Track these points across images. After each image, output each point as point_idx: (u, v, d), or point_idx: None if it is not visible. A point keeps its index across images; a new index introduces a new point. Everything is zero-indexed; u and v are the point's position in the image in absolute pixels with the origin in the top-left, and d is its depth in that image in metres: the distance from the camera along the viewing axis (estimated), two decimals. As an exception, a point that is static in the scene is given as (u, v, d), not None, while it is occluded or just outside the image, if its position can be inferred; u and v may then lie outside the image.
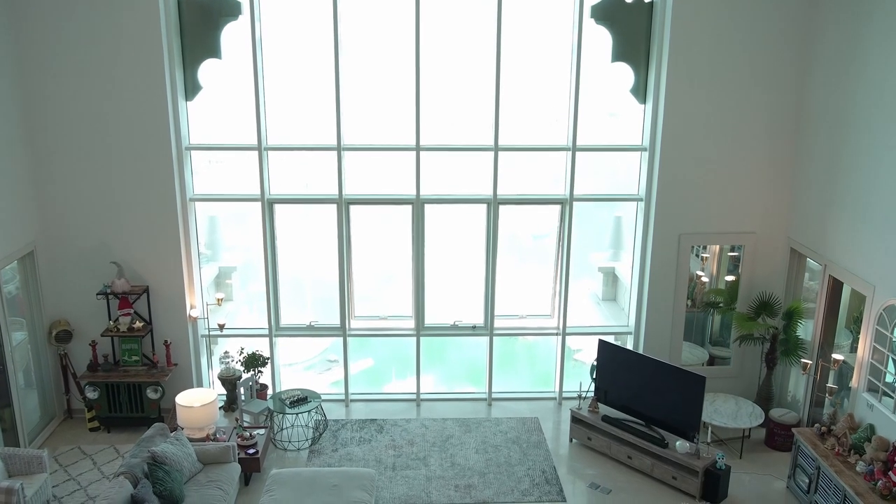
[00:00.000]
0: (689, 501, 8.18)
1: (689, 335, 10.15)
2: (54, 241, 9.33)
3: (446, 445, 9.27)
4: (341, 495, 7.49)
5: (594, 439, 9.10)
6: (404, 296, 10.18)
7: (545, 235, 10.37)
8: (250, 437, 8.60)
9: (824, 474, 7.74)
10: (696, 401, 8.31)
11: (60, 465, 8.76)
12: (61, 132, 9.02)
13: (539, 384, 10.75)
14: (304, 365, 11.15)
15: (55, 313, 9.50)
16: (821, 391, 8.85)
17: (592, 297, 11.34)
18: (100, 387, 9.26)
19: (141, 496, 7.05)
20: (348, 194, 9.66)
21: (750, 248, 9.67)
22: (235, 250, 10.91)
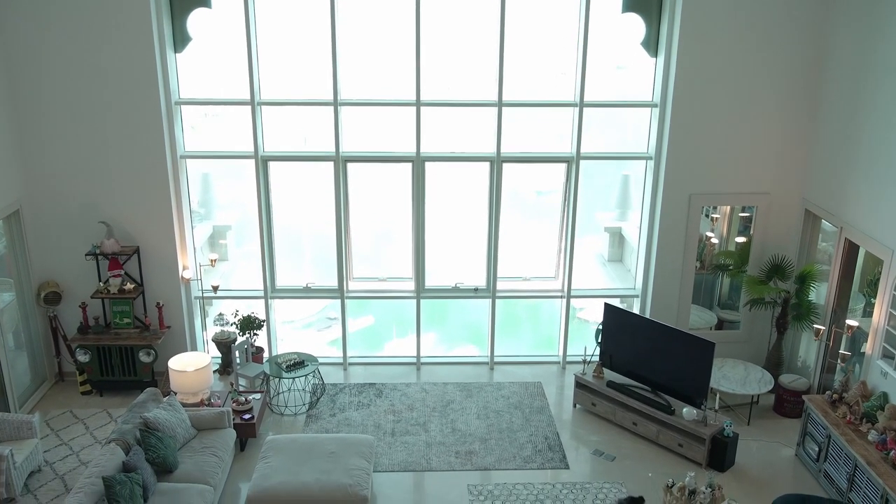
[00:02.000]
0: (695, 469, 7.98)
1: (698, 298, 9.88)
2: (40, 200, 9.01)
3: (447, 411, 9.06)
4: (339, 462, 7.31)
5: (598, 405, 8.89)
6: (404, 257, 9.88)
7: (549, 192, 10.04)
8: (246, 402, 8.39)
9: (835, 443, 7.54)
10: (704, 367, 8.07)
11: (52, 429, 8.57)
12: (45, 87, 8.64)
13: (542, 348, 10.51)
14: (302, 323, 10.93)
15: (43, 274, 9.22)
16: (833, 357, 8.60)
17: (598, 257, 11.05)
18: (91, 350, 9.03)
19: (133, 463, 6.86)
20: (346, 152, 9.29)
21: (763, 209, 9.33)
22: (230, 208, 10.59)
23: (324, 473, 7.15)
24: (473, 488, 7.74)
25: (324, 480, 7.06)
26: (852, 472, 7.22)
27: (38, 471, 7.81)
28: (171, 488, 6.97)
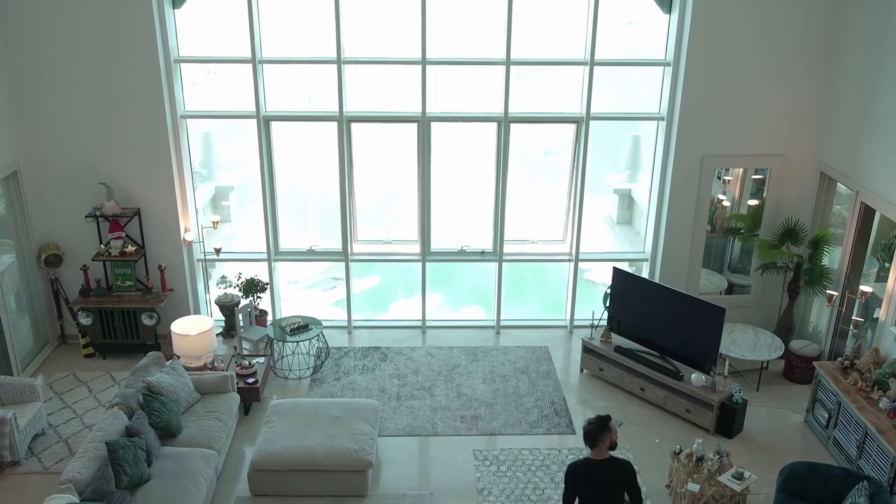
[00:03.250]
0: (702, 436, 7.91)
1: (708, 262, 9.71)
2: (38, 161, 8.84)
3: (452, 375, 8.99)
4: (343, 427, 7.25)
5: (606, 370, 8.79)
6: (409, 219, 9.71)
7: (557, 151, 9.83)
8: (249, 365, 8.31)
9: (845, 410, 7.44)
10: (713, 333, 7.93)
11: (55, 392, 8.53)
12: (41, 46, 8.40)
13: (549, 312, 10.39)
14: (307, 283, 10.83)
15: (43, 236, 9.09)
16: (845, 323, 8.46)
17: (607, 220, 10.87)
18: (93, 313, 8.94)
19: (136, 428, 6.82)
20: (349, 111, 9.06)
21: (777, 171, 9.10)
22: (232, 169, 10.42)
23: (328, 438, 7.09)
24: (479, 453, 7.69)
25: (328, 445, 7.01)
26: (862, 439, 7.13)
27: (42, 434, 7.79)
28: (175, 452, 6.94)
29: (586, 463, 5.42)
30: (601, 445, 5.34)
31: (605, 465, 5.38)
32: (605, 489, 5.39)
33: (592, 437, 5.33)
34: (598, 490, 5.39)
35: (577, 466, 5.43)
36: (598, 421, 5.36)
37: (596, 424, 5.34)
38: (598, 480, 5.38)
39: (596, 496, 5.40)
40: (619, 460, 5.42)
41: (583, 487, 5.39)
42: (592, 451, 5.40)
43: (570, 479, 5.41)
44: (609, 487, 5.39)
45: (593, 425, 5.35)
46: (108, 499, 6.15)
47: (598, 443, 5.33)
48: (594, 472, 5.38)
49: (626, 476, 5.38)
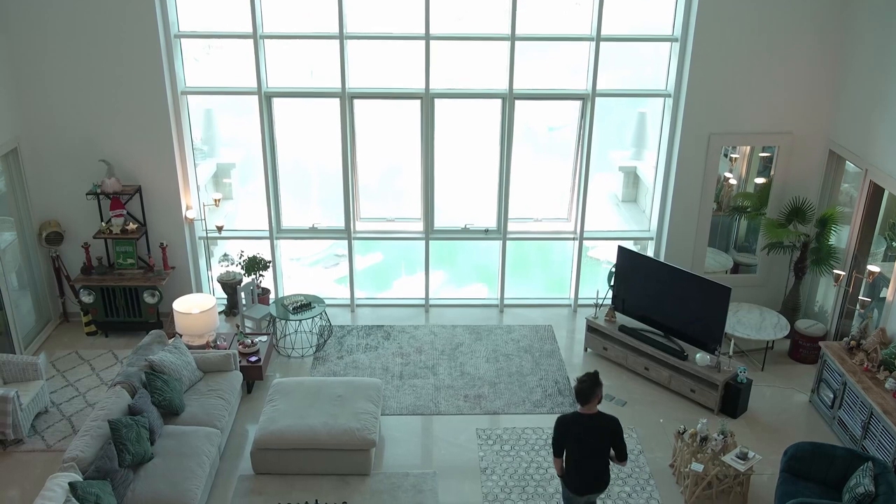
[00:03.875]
0: (706, 415, 7.88)
1: (714, 240, 9.62)
2: (38, 138, 8.75)
3: (456, 354, 8.95)
4: (346, 406, 7.24)
5: (610, 349, 8.75)
6: (412, 197, 9.63)
7: (562, 127, 9.72)
8: (252, 344, 8.28)
9: (850, 390, 7.40)
10: (719, 312, 7.87)
11: (58, 370, 8.51)
12: (41, 21, 8.28)
13: (553, 290, 10.33)
14: (309, 260, 10.77)
15: (44, 214, 9.03)
16: (851, 303, 8.40)
17: (611, 197, 10.78)
18: (95, 291, 8.90)
19: (139, 406, 6.80)
20: (352, 88, 8.95)
21: (785, 149, 8.98)
22: (234, 146, 10.31)
23: (331, 417, 7.07)
24: (482, 432, 7.68)
25: (331, 424, 6.99)
26: (867, 420, 7.10)
27: (45, 412, 7.78)
28: (178, 431, 6.93)
29: (575, 416, 5.57)
30: (592, 402, 5.49)
31: (592, 419, 5.54)
32: (592, 442, 5.57)
33: (585, 395, 5.48)
34: (584, 443, 5.57)
35: (566, 419, 5.59)
36: (590, 379, 5.50)
37: (588, 382, 5.48)
38: (585, 434, 5.55)
39: (582, 449, 5.58)
40: (607, 416, 5.58)
41: (570, 439, 5.56)
42: (582, 407, 5.54)
43: (559, 430, 5.60)
44: (596, 441, 5.56)
45: (585, 383, 5.49)
46: (111, 477, 6.15)
47: (590, 399, 5.48)
48: (582, 426, 5.54)
49: (614, 432, 5.56)
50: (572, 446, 5.60)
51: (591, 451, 5.59)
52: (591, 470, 5.65)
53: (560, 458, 5.69)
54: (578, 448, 5.59)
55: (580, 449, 5.59)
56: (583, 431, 5.55)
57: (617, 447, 5.60)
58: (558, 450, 5.66)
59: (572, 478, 5.69)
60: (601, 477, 5.68)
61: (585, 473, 5.66)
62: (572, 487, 5.72)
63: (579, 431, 5.55)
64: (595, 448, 5.58)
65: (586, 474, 5.66)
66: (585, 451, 5.60)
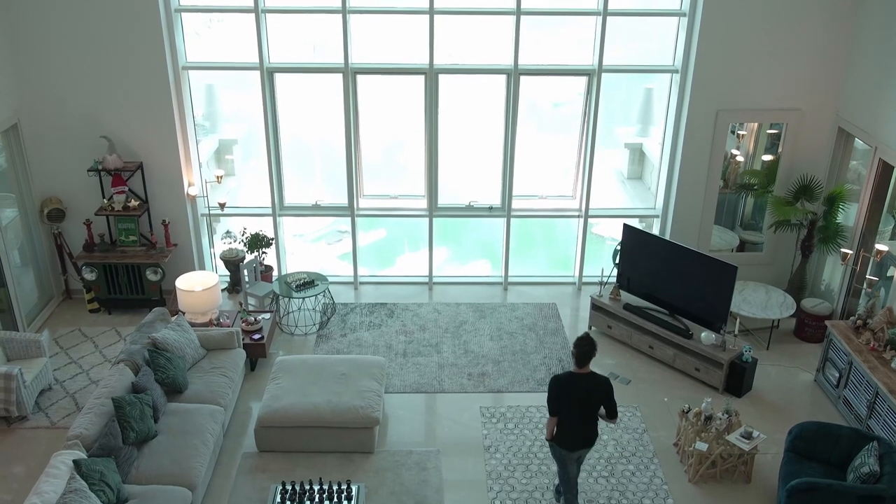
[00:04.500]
0: (711, 394, 7.86)
1: (720, 218, 9.54)
2: (39, 113, 8.67)
3: (459, 332, 8.92)
4: (350, 384, 7.22)
5: (614, 328, 8.71)
6: (416, 174, 9.54)
7: (566, 103, 9.60)
8: (255, 321, 8.26)
9: (856, 369, 7.37)
10: (725, 291, 7.81)
11: (61, 347, 8.51)
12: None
13: (558, 268, 10.27)
14: (312, 236, 10.71)
15: (45, 191, 8.97)
16: (858, 282, 8.33)
17: (617, 174, 10.67)
18: (97, 268, 8.87)
19: (142, 384, 6.79)
20: (355, 63, 8.84)
21: (793, 126, 8.87)
22: (236, 121, 10.20)
23: (335, 395, 7.06)
24: (486, 410, 7.67)
25: (335, 402, 6.98)
26: (873, 399, 7.07)
27: (49, 389, 7.78)
28: (182, 408, 6.93)
29: (570, 376, 5.80)
30: (588, 363, 5.75)
31: (585, 378, 5.79)
32: (585, 400, 5.81)
33: (586, 358, 5.73)
34: (577, 401, 5.80)
35: (561, 378, 5.82)
36: (589, 343, 5.74)
37: (587, 346, 5.72)
38: (578, 392, 5.79)
39: (574, 406, 5.81)
40: (599, 376, 5.84)
41: (564, 397, 5.78)
42: (578, 368, 5.78)
43: (554, 390, 5.80)
44: (588, 399, 5.80)
45: (585, 347, 5.71)
46: (115, 454, 6.15)
47: (587, 362, 5.74)
48: (575, 385, 5.78)
49: (606, 390, 5.82)
50: (567, 405, 5.80)
51: (585, 408, 5.83)
52: (584, 426, 5.90)
53: (555, 417, 5.86)
54: (574, 406, 5.80)
55: (575, 407, 5.81)
56: (578, 390, 5.78)
57: (608, 405, 5.85)
58: (554, 409, 5.84)
59: (566, 436, 5.90)
60: (593, 433, 5.94)
61: (579, 430, 5.90)
62: (567, 445, 5.93)
63: (575, 390, 5.78)
64: (589, 406, 5.82)
65: (580, 431, 5.90)
66: (580, 409, 5.83)
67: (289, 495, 5.92)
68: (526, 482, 6.76)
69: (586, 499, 6.60)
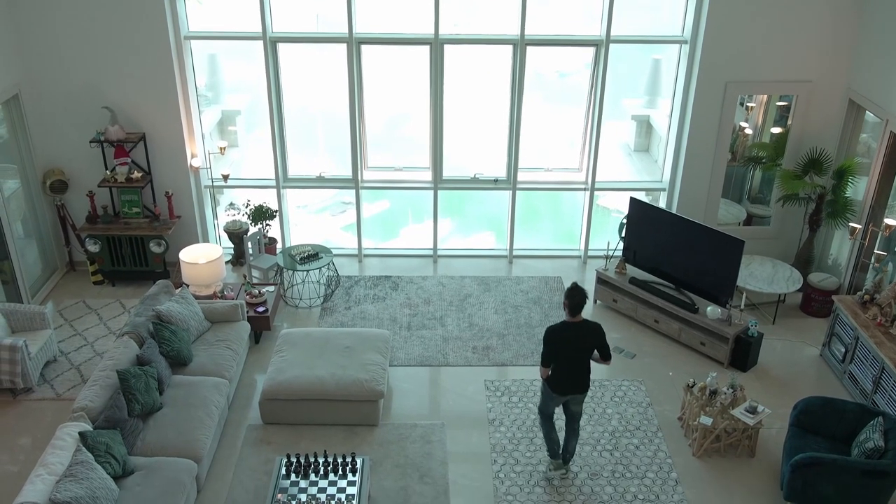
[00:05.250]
0: (716, 369, 7.84)
1: (727, 191, 9.45)
2: (40, 84, 8.57)
3: (464, 305, 8.90)
4: (354, 357, 7.21)
5: (620, 302, 8.68)
6: (421, 146, 9.45)
7: (572, 73, 9.47)
8: (259, 294, 8.24)
9: (863, 344, 7.34)
10: (731, 265, 7.76)
11: (65, 319, 8.51)
12: (36, -42, 8.04)
13: (563, 241, 10.21)
14: (316, 207, 10.65)
15: (48, 162, 8.91)
16: (866, 257, 8.27)
17: (623, 147, 10.57)
18: (101, 240, 8.83)
19: (147, 357, 6.79)
20: (359, 33, 8.71)
21: (803, 98, 8.75)
22: (239, 91, 10.10)
23: (339, 368, 7.06)
24: (490, 384, 7.67)
25: (339, 375, 6.98)
26: (879, 374, 7.05)
27: (54, 361, 7.80)
28: (187, 381, 6.93)
29: (564, 325, 6.10)
30: (581, 312, 6.05)
31: (579, 326, 6.09)
32: (580, 346, 6.11)
33: (579, 308, 6.02)
34: (573, 347, 6.09)
35: (556, 329, 6.10)
36: (580, 293, 6.01)
37: (580, 296, 6.00)
38: (573, 339, 6.08)
39: (570, 352, 6.10)
40: (591, 322, 6.14)
41: (561, 345, 6.07)
42: (571, 318, 6.07)
43: (551, 340, 6.07)
44: (583, 344, 6.11)
45: (577, 298, 5.99)
46: (121, 426, 6.17)
47: (580, 311, 6.04)
48: (570, 332, 6.08)
49: (598, 335, 6.13)
50: (564, 353, 6.10)
51: (579, 355, 6.13)
52: (578, 372, 6.18)
53: (548, 367, 6.15)
54: (569, 353, 6.10)
55: (571, 354, 6.11)
56: (573, 338, 6.08)
57: (602, 349, 6.16)
58: (549, 360, 6.13)
59: (560, 381, 6.18)
60: (586, 378, 6.22)
61: (573, 376, 6.18)
62: (559, 389, 6.21)
63: (569, 338, 6.07)
64: (583, 352, 6.13)
65: (574, 376, 6.19)
66: (574, 356, 6.12)
67: (294, 467, 5.93)
68: (530, 455, 6.78)
69: (590, 472, 6.62)
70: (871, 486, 5.85)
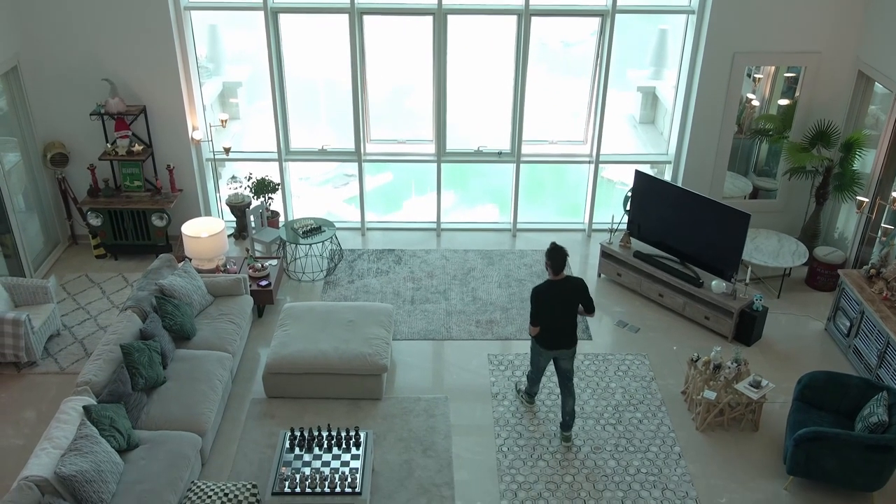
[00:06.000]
0: (720, 343, 7.82)
1: (733, 164, 9.36)
2: (39, 56, 8.47)
3: (467, 278, 8.87)
4: (357, 331, 7.20)
5: (624, 275, 8.64)
6: (424, 118, 9.36)
7: (577, 43, 9.34)
8: (262, 268, 8.21)
9: (868, 319, 7.30)
10: (737, 239, 7.71)
11: (68, 293, 8.50)
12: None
13: (567, 215, 10.15)
14: (319, 180, 10.59)
15: (48, 135, 8.84)
16: (873, 231, 8.20)
17: (629, 119, 10.46)
18: (102, 213, 8.79)
19: (150, 331, 6.79)
20: (361, 3, 8.58)
21: (812, 69, 8.62)
22: (240, 63, 9.99)
23: (343, 342, 7.05)
24: (494, 358, 7.66)
25: (343, 349, 6.98)
26: (884, 349, 7.02)
27: (57, 334, 7.80)
28: (190, 355, 6.93)
29: (549, 284, 6.33)
30: (563, 271, 6.26)
31: (563, 283, 6.32)
32: (565, 302, 6.34)
33: (562, 266, 6.24)
34: (558, 303, 6.33)
35: (541, 289, 6.32)
36: (561, 251, 6.22)
37: (561, 255, 6.21)
38: (558, 295, 6.31)
39: (556, 309, 6.34)
40: (574, 278, 6.37)
41: (547, 303, 6.30)
42: (554, 276, 6.28)
43: (537, 299, 6.30)
44: (567, 300, 6.34)
45: (558, 258, 6.20)
46: (125, 400, 6.18)
47: (563, 269, 6.25)
48: (556, 290, 6.31)
49: (581, 290, 6.36)
50: (550, 311, 6.33)
51: (565, 310, 6.36)
52: (564, 327, 6.41)
53: (537, 326, 6.39)
54: (555, 310, 6.34)
55: (557, 311, 6.34)
56: (558, 295, 6.31)
57: (585, 301, 6.39)
58: (537, 319, 6.36)
59: (548, 338, 6.43)
60: (573, 333, 6.46)
61: (560, 331, 6.41)
62: (547, 345, 6.46)
63: (555, 295, 6.30)
64: (568, 307, 6.36)
65: (560, 332, 6.42)
66: (560, 312, 6.36)
67: (297, 441, 5.94)
68: (533, 429, 6.78)
69: (594, 446, 6.63)
70: (875, 461, 5.85)
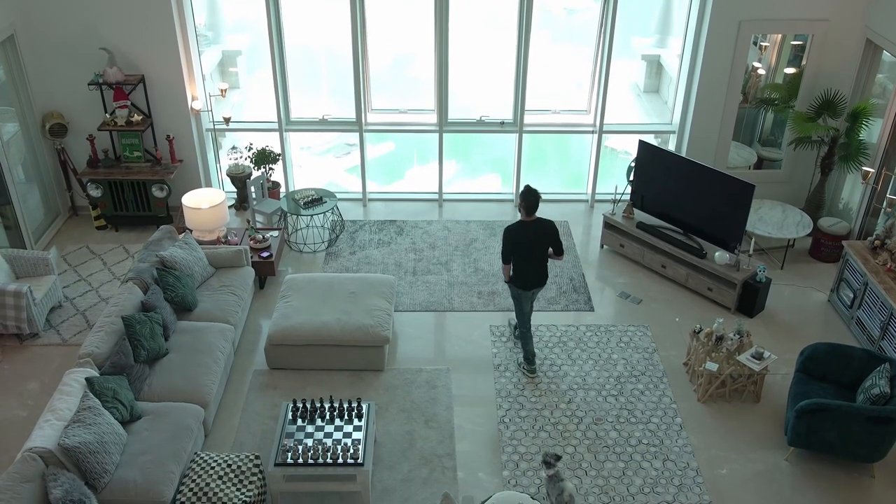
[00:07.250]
0: (723, 314, 7.81)
1: (738, 134, 9.26)
2: (35, 24, 8.36)
3: (469, 249, 8.83)
4: (359, 303, 7.19)
5: (627, 246, 8.60)
6: (426, 87, 9.25)
7: (581, 10, 9.20)
8: (263, 239, 8.18)
9: (871, 290, 7.27)
10: (741, 210, 7.65)
11: (69, 264, 8.48)
12: None
13: (570, 185, 10.08)
14: (320, 150, 10.52)
15: (46, 105, 8.75)
16: (878, 202, 8.14)
17: (633, 87, 10.35)
18: (102, 184, 8.74)
19: (152, 303, 6.78)
20: (361, -31, 8.45)
21: (819, 37, 8.48)
22: (240, 31, 9.86)
23: (344, 314, 7.04)
24: (496, 329, 7.66)
25: (344, 321, 6.97)
26: (887, 320, 7.00)
27: (59, 306, 7.80)
28: (192, 327, 6.93)
29: (521, 224, 6.59)
30: (535, 212, 6.52)
31: (534, 224, 6.58)
32: (535, 242, 6.63)
33: (534, 208, 6.51)
34: (529, 243, 6.61)
35: (513, 228, 6.60)
36: (535, 194, 6.47)
37: (533, 198, 6.46)
38: (529, 236, 6.58)
39: (527, 249, 6.62)
40: (545, 220, 6.63)
41: (519, 244, 6.58)
42: (527, 217, 6.54)
43: (509, 238, 6.58)
44: (538, 241, 6.63)
45: (531, 199, 6.46)
46: (127, 372, 6.19)
47: (535, 211, 6.51)
48: (527, 230, 6.58)
49: (553, 232, 6.65)
50: (521, 250, 6.61)
51: (537, 251, 6.65)
52: (537, 266, 6.72)
53: (509, 265, 6.67)
54: (527, 250, 6.61)
55: (528, 250, 6.62)
56: (530, 235, 6.58)
57: (555, 244, 6.69)
58: (508, 257, 6.64)
59: (522, 277, 6.73)
60: (544, 272, 6.80)
61: (532, 270, 6.72)
62: (522, 285, 6.75)
63: (527, 236, 6.57)
64: (540, 248, 6.66)
65: (533, 271, 6.72)
66: (532, 252, 6.64)
67: (300, 412, 5.96)
68: (535, 400, 6.80)
69: (595, 417, 6.65)
70: (876, 433, 5.86)
